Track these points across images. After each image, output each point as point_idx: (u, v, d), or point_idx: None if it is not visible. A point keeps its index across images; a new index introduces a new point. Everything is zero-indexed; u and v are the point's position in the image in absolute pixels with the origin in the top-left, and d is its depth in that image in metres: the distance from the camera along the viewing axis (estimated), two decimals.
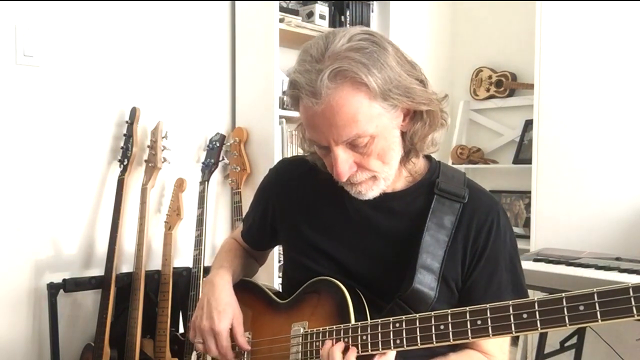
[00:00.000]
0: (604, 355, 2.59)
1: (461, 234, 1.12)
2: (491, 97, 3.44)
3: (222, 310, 1.20)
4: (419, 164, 1.19)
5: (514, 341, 2.98)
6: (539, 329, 0.87)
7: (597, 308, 0.82)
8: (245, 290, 1.30)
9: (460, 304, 1.10)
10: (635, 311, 0.79)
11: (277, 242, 1.38)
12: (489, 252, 1.13)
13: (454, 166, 3.39)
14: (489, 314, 0.91)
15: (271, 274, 2.11)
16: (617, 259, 2.26)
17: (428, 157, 1.22)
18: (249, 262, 1.43)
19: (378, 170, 1.07)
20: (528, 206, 3.18)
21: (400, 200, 1.16)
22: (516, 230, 3.29)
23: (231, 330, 1.20)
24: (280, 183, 1.30)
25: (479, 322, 0.92)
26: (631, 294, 0.80)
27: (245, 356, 1.23)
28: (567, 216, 2.73)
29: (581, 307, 0.83)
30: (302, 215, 1.23)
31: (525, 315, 0.88)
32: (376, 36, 1.02)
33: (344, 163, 1.03)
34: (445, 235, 1.11)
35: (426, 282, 1.08)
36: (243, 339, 1.20)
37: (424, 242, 1.09)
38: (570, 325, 0.84)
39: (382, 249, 1.15)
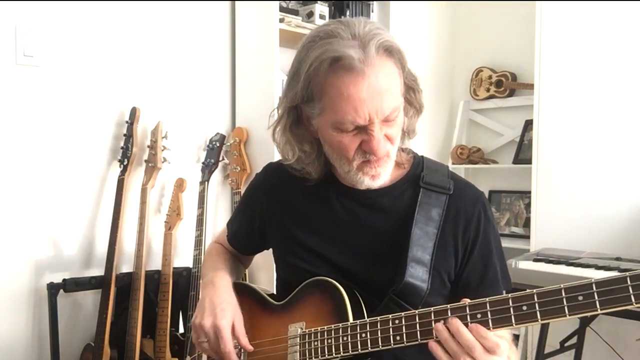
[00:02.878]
0: (604, 355, 2.59)
1: (449, 226, 1.14)
2: (491, 97, 3.43)
3: (224, 308, 1.19)
4: (404, 157, 1.21)
5: (514, 341, 2.98)
6: (539, 320, 0.87)
7: (596, 297, 0.83)
8: (240, 292, 1.29)
9: (457, 294, 1.11)
10: (633, 299, 0.80)
11: (266, 246, 1.38)
12: (481, 241, 1.15)
13: (459, 165, 3.41)
14: (488, 307, 0.92)
15: (271, 277, 2.11)
16: (617, 259, 2.26)
17: (412, 153, 1.24)
18: (237, 266, 1.44)
19: (396, 145, 1.11)
20: (528, 206, 3.18)
21: (387, 196, 1.17)
22: (516, 230, 3.29)
23: (232, 329, 1.19)
24: (268, 187, 1.30)
25: (478, 315, 0.92)
26: (629, 282, 0.81)
27: (242, 358, 1.22)
28: (567, 216, 2.72)
29: (580, 297, 0.84)
30: (291, 217, 1.24)
31: (525, 307, 0.89)
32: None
33: (381, 137, 1.05)
34: (434, 227, 1.13)
35: (418, 275, 1.09)
36: (245, 339, 1.19)
37: (414, 235, 1.11)
38: (570, 315, 0.85)
39: (373, 245, 1.16)
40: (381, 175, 1.11)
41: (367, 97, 1.01)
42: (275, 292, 1.32)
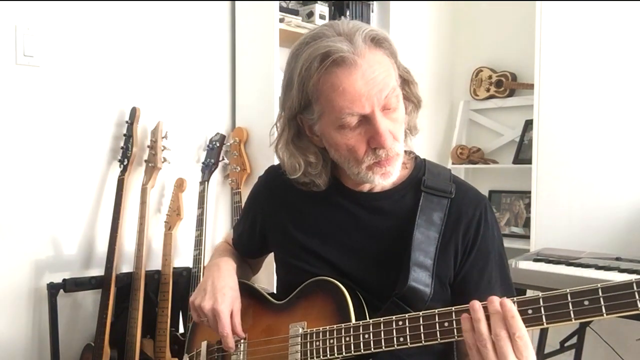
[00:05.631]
0: (604, 355, 2.59)
1: (450, 230, 1.13)
2: (491, 97, 3.43)
3: (225, 292, 1.19)
4: (406, 159, 1.20)
5: None
6: (545, 324, 0.87)
7: (602, 302, 0.82)
8: (242, 291, 1.29)
9: (452, 300, 1.10)
10: (639, 305, 0.80)
11: (268, 250, 1.38)
12: (478, 246, 1.13)
13: (459, 165, 3.41)
14: None
15: (271, 278, 2.10)
16: (617, 259, 2.26)
17: (413, 156, 1.24)
18: (244, 266, 1.43)
19: (401, 142, 1.10)
20: (528, 206, 3.18)
21: (388, 199, 1.17)
22: (516, 230, 3.29)
23: (231, 316, 1.19)
24: (269, 190, 1.30)
25: None
26: (635, 288, 0.81)
27: (242, 357, 1.22)
28: (567, 216, 2.72)
29: (586, 302, 0.84)
30: (292, 220, 1.24)
31: (530, 311, 0.88)
32: None
33: (385, 128, 1.04)
34: (435, 231, 1.12)
35: (421, 279, 1.08)
36: (240, 327, 1.19)
37: (415, 239, 1.10)
38: (575, 319, 0.84)
39: (374, 248, 1.15)
40: (392, 173, 1.10)
41: (363, 87, 1.01)
42: (275, 293, 1.32)
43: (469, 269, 1.13)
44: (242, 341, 1.22)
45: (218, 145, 2.53)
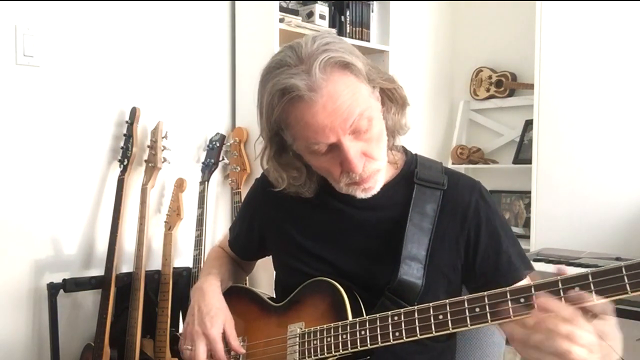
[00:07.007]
0: None
1: (446, 219, 1.13)
2: (491, 97, 3.43)
3: (214, 315, 1.19)
4: (397, 156, 1.21)
5: None
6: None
7: (592, 288, 0.82)
8: (239, 295, 1.30)
9: (478, 288, 1.10)
10: (629, 288, 0.80)
11: (266, 252, 1.39)
12: (485, 228, 1.13)
13: (459, 165, 3.41)
14: (486, 301, 0.91)
15: (271, 280, 2.10)
16: (617, 259, 2.26)
17: (405, 150, 1.24)
18: (237, 270, 1.44)
19: (379, 158, 1.09)
20: (528, 206, 3.18)
21: (381, 195, 1.16)
22: (516, 230, 3.28)
23: (224, 335, 1.19)
24: (265, 194, 1.30)
25: (477, 309, 0.92)
26: (624, 272, 0.81)
27: (240, 359, 1.23)
28: (567, 216, 2.72)
29: (577, 288, 0.84)
30: (289, 221, 1.24)
31: (522, 300, 0.88)
32: (332, 33, 1.07)
33: (355, 154, 1.03)
34: (429, 222, 1.12)
35: (412, 272, 1.09)
36: (237, 343, 1.19)
37: (408, 232, 1.11)
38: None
39: (370, 245, 1.16)
40: (373, 187, 1.10)
41: (325, 119, 1.00)
42: (274, 296, 1.32)
43: (484, 254, 1.13)
44: (241, 343, 1.22)
45: (218, 145, 2.53)
